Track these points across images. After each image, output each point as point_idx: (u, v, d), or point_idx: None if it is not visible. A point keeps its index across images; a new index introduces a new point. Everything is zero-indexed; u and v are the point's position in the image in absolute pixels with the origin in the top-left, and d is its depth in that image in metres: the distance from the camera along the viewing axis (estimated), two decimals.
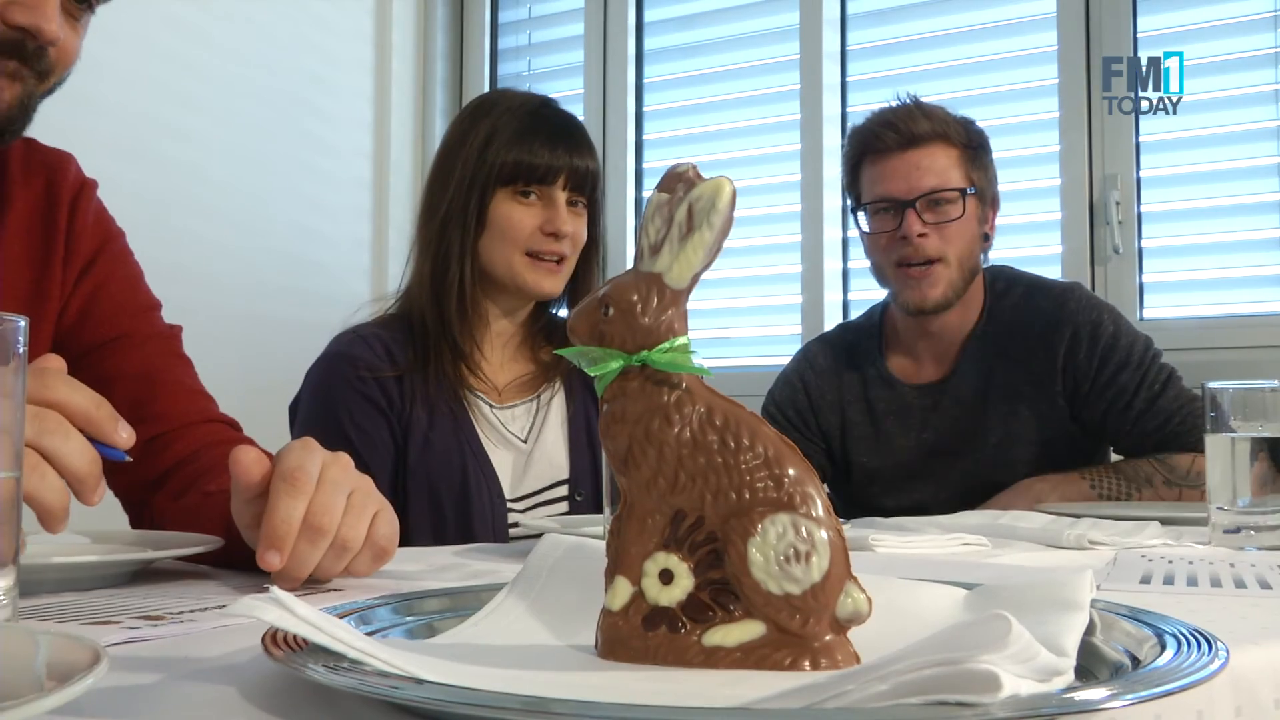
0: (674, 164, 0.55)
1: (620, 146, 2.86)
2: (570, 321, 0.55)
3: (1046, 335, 1.75)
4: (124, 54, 2.16)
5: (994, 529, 1.22)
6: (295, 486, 0.77)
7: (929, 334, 1.83)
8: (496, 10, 3.11)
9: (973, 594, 0.60)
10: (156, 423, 1.10)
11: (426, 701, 0.41)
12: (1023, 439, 1.77)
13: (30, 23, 0.90)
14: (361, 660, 0.44)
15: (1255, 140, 2.28)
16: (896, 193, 1.75)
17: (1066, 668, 0.43)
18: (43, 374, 0.70)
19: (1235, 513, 1.12)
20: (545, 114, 1.56)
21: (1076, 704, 0.39)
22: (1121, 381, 1.72)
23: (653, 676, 0.50)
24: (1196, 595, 0.78)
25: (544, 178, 1.50)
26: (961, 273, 1.76)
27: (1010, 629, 0.41)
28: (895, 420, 1.86)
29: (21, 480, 0.58)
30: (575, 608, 0.58)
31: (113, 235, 1.19)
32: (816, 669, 0.49)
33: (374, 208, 2.85)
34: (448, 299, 1.53)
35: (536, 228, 1.51)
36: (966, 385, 1.81)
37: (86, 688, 0.36)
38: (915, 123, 1.75)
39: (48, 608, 0.70)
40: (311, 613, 0.47)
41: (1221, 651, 0.46)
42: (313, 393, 1.53)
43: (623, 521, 0.53)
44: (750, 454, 0.51)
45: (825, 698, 0.39)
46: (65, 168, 1.15)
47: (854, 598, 0.50)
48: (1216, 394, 1.14)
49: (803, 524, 0.50)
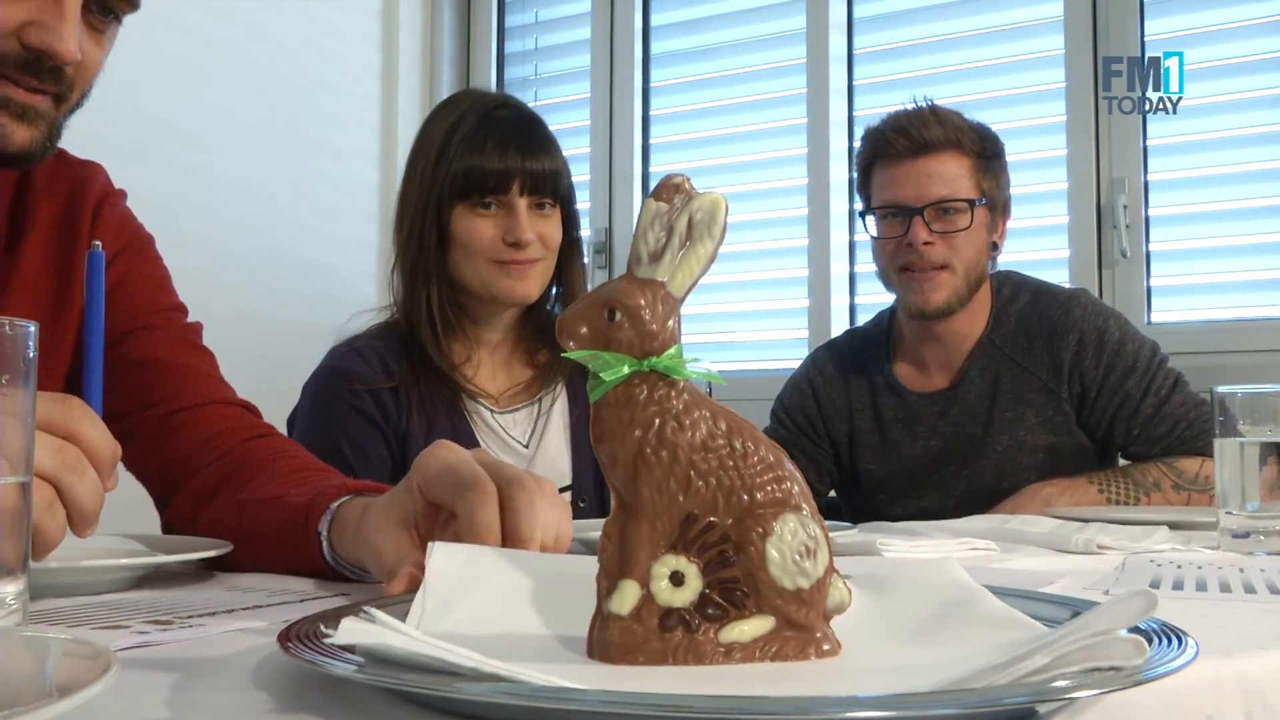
0: (667, 174, 0.56)
1: (627, 150, 2.87)
2: (566, 324, 0.54)
3: (1053, 341, 1.75)
4: (131, 59, 2.15)
5: (1002, 533, 1.22)
6: (484, 490, 0.73)
7: (935, 339, 1.83)
8: (503, 14, 3.11)
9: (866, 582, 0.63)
10: (165, 403, 1.08)
11: (598, 706, 0.41)
12: (1029, 445, 1.76)
13: (46, 45, 0.89)
14: (498, 674, 0.43)
15: (1264, 144, 2.28)
16: (905, 199, 1.75)
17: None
18: (68, 404, 0.71)
19: (1244, 517, 1.11)
20: (498, 117, 1.52)
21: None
22: (1128, 387, 1.71)
23: (699, 675, 0.51)
24: (1205, 600, 0.78)
25: (498, 186, 1.48)
26: (967, 281, 1.76)
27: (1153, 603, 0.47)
28: (903, 429, 1.85)
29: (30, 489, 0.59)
30: (508, 619, 0.58)
31: (137, 238, 1.18)
32: (820, 657, 0.53)
33: (380, 211, 2.86)
34: (419, 320, 1.52)
35: (498, 237, 1.49)
36: (974, 392, 1.80)
37: (97, 693, 0.36)
38: (928, 129, 1.75)
39: (57, 612, 0.70)
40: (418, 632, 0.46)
41: (1191, 646, 0.48)
42: (309, 407, 1.53)
43: (625, 525, 0.54)
44: (755, 457, 0.54)
45: (999, 672, 0.42)
46: (92, 178, 1.14)
47: (839, 589, 0.55)
48: (1225, 398, 1.14)
49: (807, 522, 0.54)
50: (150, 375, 1.09)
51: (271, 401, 1.72)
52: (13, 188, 1.08)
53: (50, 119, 0.95)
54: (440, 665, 0.43)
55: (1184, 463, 1.67)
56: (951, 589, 0.62)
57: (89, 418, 0.72)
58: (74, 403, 0.71)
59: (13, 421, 0.57)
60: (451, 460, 0.76)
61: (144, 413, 1.08)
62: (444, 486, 0.75)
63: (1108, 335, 1.73)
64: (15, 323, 0.57)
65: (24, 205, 1.08)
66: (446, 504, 0.75)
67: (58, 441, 0.69)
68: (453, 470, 0.75)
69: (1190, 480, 1.65)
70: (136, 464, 1.10)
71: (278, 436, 1.15)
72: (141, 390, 1.08)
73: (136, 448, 1.07)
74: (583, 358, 0.54)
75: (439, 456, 0.77)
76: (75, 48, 0.90)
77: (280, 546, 0.90)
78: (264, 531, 0.92)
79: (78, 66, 0.93)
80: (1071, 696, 0.43)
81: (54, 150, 0.99)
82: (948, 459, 1.82)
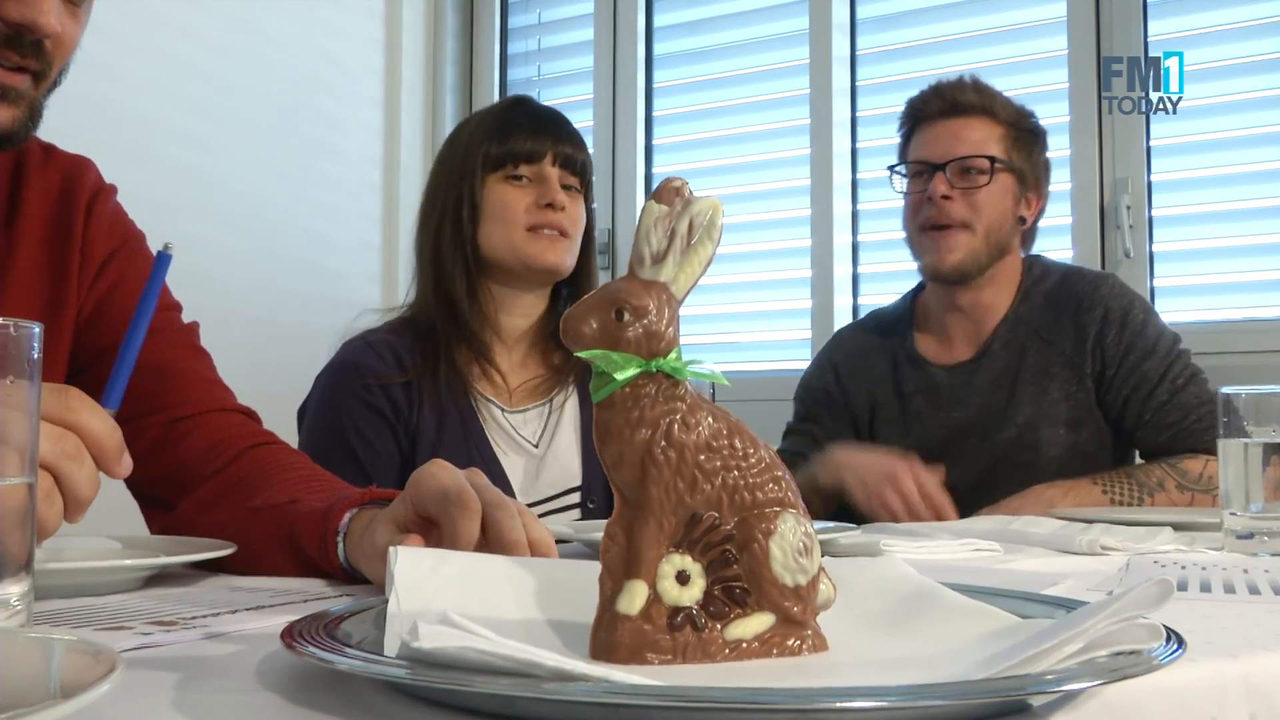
0: (667, 178, 0.57)
1: (630, 151, 2.87)
2: (572, 322, 0.54)
3: (1079, 317, 1.77)
4: (135, 60, 2.17)
5: (1005, 534, 1.22)
6: (468, 506, 0.78)
7: (959, 310, 1.85)
8: (506, 15, 3.11)
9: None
10: (170, 410, 1.08)
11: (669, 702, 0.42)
12: (1051, 419, 1.77)
13: (26, 18, 0.89)
14: (587, 675, 0.43)
15: (1268, 144, 2.28)
16: (930, 156, 1.80)
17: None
18: (65, 394, 0.71)
19: (1249, 518, 1.11)
20: (524, 108, 1.59)
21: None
22: (1145, 369, 1.73)
23: (717, 671, 0.52)
24: (1209, 601, 0.78)
25: (531, 157, 1.52)
26: (987, 245, 1.78)
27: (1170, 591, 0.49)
28: (924, 400, 1.86)
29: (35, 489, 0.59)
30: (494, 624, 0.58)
31: (131, 237, 1.17)
32: (814, 651, 0.55)
33: (384, 213, 2.86)
34: (455, 289, 1.53)
35: (532, 203, 1.52)
36: (998, 364, 1.82)
37: (102, 694, 0.36)
38: (963, 93, 1.81)
39: (61, 613, 0.70)
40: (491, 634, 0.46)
41: (1176, 644, 0.49)
42: (319, 400, 1.53)
43: (632, 525, 0.54)
44: (755, 457, 0.55)
45: (1032, 657, 0.45)
46: (84, 173, 1.14)
47: (826, 585, 0.56)
48: (1230, 398, 1.14)
49: (803, 521, 0.55)
50: (153, 381, 1.08)
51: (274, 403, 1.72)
52: (6, 186, 1.07)
53: (30, 99, 0.95)
54: (517, 667, 0.43)
55: (1188, 463, 1.67)
56: (902, 583, 0.64)
57: (88, 407, 0.72)
58: (72, 393, 0.71)
59: (17, 422, 0.57)
60: (444, 478, 0.80)
61: (147, 419, 1.07)
62: (434, 500, 0.79)
63: (1131, 316, 1.75)
64: (20, 324, 0.57)
65: (17, 203, 1.08)
66: (435, 517, 0.79)
67: (57, 430, 0.69)
68: (444, 487, 0.79)
69: (1194, 480, 1.65)
70: (136, 470, 1.10)
71: (282, 445, 1.15)
72: (144, 396, 1.07)
73: (138, 454, 1.06)
74: (595, 357, 0.54)
75: (432, 474, 0.81)
76: (56, 20, 0.91)
77: (293, 549, 0.91)
78: (278, 535, 0.93)
79: (56, 42, 0.94)
80: (1099, 684, 0.46)
81: (35, 130, 0.99)
82: (969, 431, 1.82)
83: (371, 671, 0.45)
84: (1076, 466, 1.72)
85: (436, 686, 0.44)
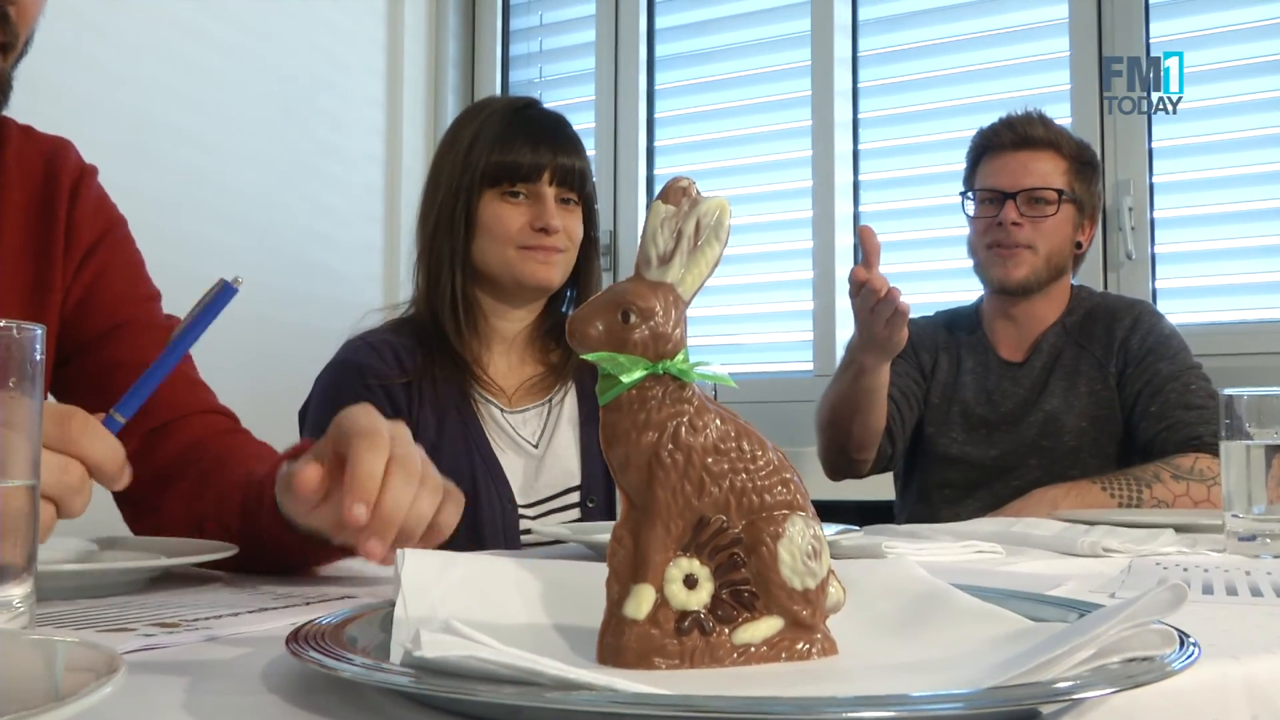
0: (674, 177, 0.56)
1: (632, 153, 2.87)
2: (578, 324, 0.54)
3: (1111, 325, 1.93)
4: (136, 60, 2.17)
5: (1008, 536, 1.22)
6: (375, 442, 0.77)
7: (1010, 319, 1.99)
8: (508, 17, 3.11)
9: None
10: (155, 414, 1.07)
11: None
12: (1075, 410, 1.90)
13: None
14: (592, 683, 0.43)
15: (1270, 146, 2.28)
16: (1002, 185, 1.93)
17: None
18: (68, 422, 0.71)
19: (1251, 520, 1.11)
20: (528, 114, 1.58)
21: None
22: (1159, 368, 1.84)
23: (726, 677, 0.52)
24: (1211, 603, 0.78)
25: (529, 175, 1.52)
26: (1048, 265, 1.93)
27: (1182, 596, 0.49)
28: (972, 377, 2.00)
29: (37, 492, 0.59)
30: (500, 629, 0.57)
31: (114, 222, 1.17)
32: (824, 655, 0.54)
33: (385, 213, 2.86)
34: (443, 308, 1.54)
35: (526, 224, 1.52)
36: (1039, 363, 1.96)
37: (105, 696, 0.36)
38: (1032, 128, 1.95)
39: (64, 614, 0.70)
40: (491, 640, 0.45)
41: (1193, 648, 0.49)
42: (320, 400, 1.53)
43: (639, 528, 0.53)
44: (763, 459, 0.55)
45: (1049, 663, 0.45)
46: (64, 155, 1.13)
47: (835, 588, 0.55)
48: (1232, 400, 1.14)
49: (811, 524, 0.55)
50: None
51: (274, 403, 1.72)
52: None
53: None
54: (520, 675, 0.43)
55: (1178, 459, 1.73)
56: (914, 584, 0.64)
57: (90, 433, 0.72)
58: (75, 419, 0.71)
59: (19, 425, 0.57)
60: (364, 420, 0.80)
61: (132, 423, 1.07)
62: (347, 437, 0.78)
63: (1158, 328, 1.89)
64: (23, 326, 0.57)
65: None
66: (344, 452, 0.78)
67: (61, 460, 0.69)
68: (360, 426, 0.78)
69: (1186, 471, 1.70)
70: None
71: (250, 435, 1.16)
72: None
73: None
74: (601, 359, 0.53)
75: (354, 414, 0.81)
76: None
77: (254, 520, 0.91)
78: (243, 509, 0.93)
79: (19, 10, 0.93)
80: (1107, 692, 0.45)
81: (5, 103, 0.98)
82: (999, 421, 1.96)
83: (375, 680, 0.45)
84: (1090, 461, 1.85)
85: (440, 695, 0.44)
